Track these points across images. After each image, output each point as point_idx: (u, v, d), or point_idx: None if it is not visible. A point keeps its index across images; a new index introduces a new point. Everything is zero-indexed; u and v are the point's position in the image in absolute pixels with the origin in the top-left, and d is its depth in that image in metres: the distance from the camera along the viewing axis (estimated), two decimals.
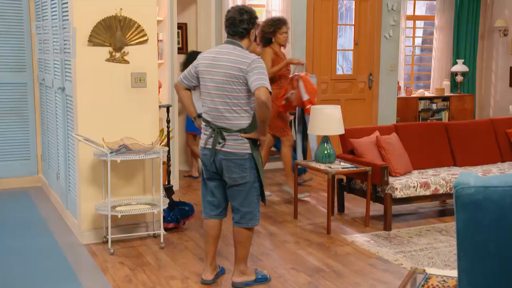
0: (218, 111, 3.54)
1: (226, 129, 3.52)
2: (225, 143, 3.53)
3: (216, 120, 3.56)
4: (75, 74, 4.48)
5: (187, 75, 3.72)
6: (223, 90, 3.51)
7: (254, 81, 3.40)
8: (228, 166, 3.55)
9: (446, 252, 4.32)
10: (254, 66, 3.44)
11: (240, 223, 3.66)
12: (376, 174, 4.86)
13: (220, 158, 3.56)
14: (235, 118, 3.52)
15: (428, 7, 9.39)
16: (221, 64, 3.52)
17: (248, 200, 3.61)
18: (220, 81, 3.51)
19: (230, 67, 3.48)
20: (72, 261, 4.23)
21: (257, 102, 3.39)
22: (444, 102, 8.93)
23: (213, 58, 3.58)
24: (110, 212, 4.32)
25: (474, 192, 1.90)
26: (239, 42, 3.60)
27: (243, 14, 3.58)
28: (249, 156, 3.56)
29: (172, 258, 4.27)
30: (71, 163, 4.87)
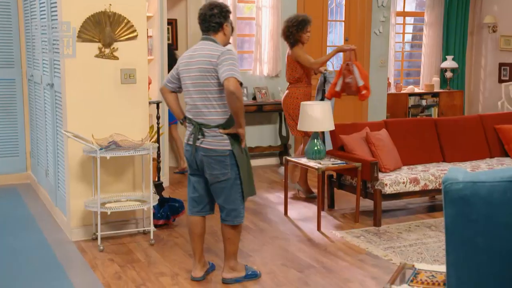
0: (197, 108, 3.56)
1: (205, 125, 3.54)
2: (204, 140, 3.54)
3: (196, 117, 3.57)
4: (64, 70, 4.45)
5: (170, 78, 3.73)
6: (199, 86, 3.53)
7: (223, 72, 3.40)
8: (208, 163, 3.55)
9: (435, 248, 4.35)
10: (224, 58, 3.43)
11: (226, 220, 3.66)
12: (366, 170, 4.88)
13: (201, 155, 3.56)
14: (212, 113, 3.52)
15: (418, 3, 9.42)
16: (196, 60, 3.54)
17: (232, 198, 3.61)
18: (196, 77, 3.53)
19: (203, 61, 3.50)
20: (61, 258, 4.21)
21: (226, 93, 3.38)
22: (434, 98, 8.97)
23: (190, 56, 3.60)
24: (100, 209, 4.30)
25: (462, 188, 1.91)
26: (213, 37, 3.61)
27: (213, 9, 3.59)
28: (230, 153, 3.54)
29: (162, 254, 4.27)
30: (60, 159, 4.84)
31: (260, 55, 7.32)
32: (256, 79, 7.35)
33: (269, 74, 7.39)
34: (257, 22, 7.27)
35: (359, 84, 5.49)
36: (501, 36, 8.87)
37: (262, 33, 7.27)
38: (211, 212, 3.83)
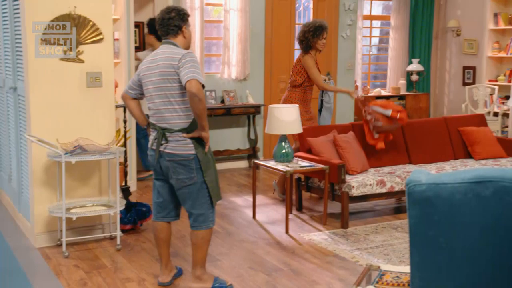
0: (159, 112, 3.51)
1: (168, 129, 3.49)
2: (168, 144, 3.50)
3: (159, 122, 3.53)
4: (28, 74, 4.37)
5: (132, 85, 3.68)
6: (161, 90, 3.48)
7: (184, 75, 3.36)
8: (173, 168, 3.51)
9: (401, 249, 4.39)
10: (185, 61, 3.40)
11: (194, 226, 3.60)
12: (333, 173, 4.91)
13: (166, 160, 3.52)
14: (174, 117, 3.48)
15: (384, 7, 9.54)
16: (156, 65, 3.50)
17: (198, 202, 3.55)
18: (157, 81, 3.49)
19: (164, 65, 3.46)
20: (24, 265, 4.13)
21: (188, 95, 3.35)
22: (400, 100, 9.09)
23: (151, 61, 3.56)
24: (65, 214, 4.23)
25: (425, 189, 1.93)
26: (172, 41, 3.58)
27: (170, 12, 3.57)
28: (194, 157, 3.50)
29: (128, 260, 4.22)
30: (24, 164, 4.75)
31: (228, 58, 7.31)
32: (224, 82, 7.34)
33: (237, 77, 7.39)
34: (225, 25, 7.26)
35: (389, 115, 5.26)
36: (465, 40, 9.04)
37: (230, 36, 7.26)
38: (176, 218, 3.78)
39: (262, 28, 7.54)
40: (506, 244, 1.80)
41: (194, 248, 3.64)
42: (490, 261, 1.84)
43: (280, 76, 7.78)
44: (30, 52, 4.33)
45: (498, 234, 1.81)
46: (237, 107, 7.21)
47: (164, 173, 3.60)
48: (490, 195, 1.79)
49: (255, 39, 7.49)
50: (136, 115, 3.74)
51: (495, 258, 1.83)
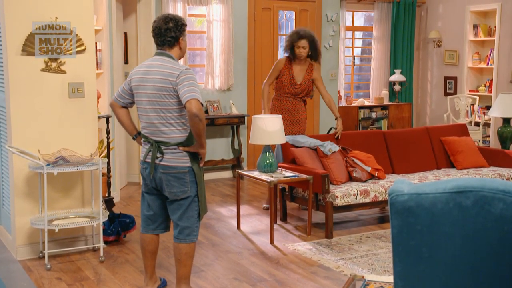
0: (154, 126, 3.45)
1: (164, 142, 3.44)
2: (164, 157, 3.45)
3: (152, 135, 3.47)
4: (8, 84, 4.34)
5: (121, 93, 3.61)
6: (156, 104, 3.42)
7: (184, 94, 3.31)
8: (168, 180, 3.46)
9: (386, 258, 4.41)
10: (183, 78, 3.35)
11: (178, 238, 3.55)
12: (317, 183, 4.92)
13: (159, 172, 3.47)
14: (171, 131, 3.44)
15: (366, 18, 9.63)
16: (152, 78, 3.43)
17: (187, 215, 3.52)
18: (152, 95, 3.42)
19: (160, 79, 3.39)
20: (5, 278, 4.07)
21: (189, 115, 3.31)
22: (383, 111, 9.16)
23: (144, 72, 3.48)
24: (47, 226, 4.18)
25: (407, 199, 1.94)
26: (168, 53, 3.50)
27: (169, 22, 3.47)
28: (189, 170, 3.47)
29: (112, 271, 4.18)
30: (5, 176, 4.70)
31: (212, 68, 7.32)
32: (208, 93, 7.34)
33: (221, 87, 7.39)
34: (208, 36, 7.27)
35: (368, 171, 5.32)
36: (446, 51, 9.15)
37: (214, 47, 7.28)
38: (166, 230, 3.74)
39: (245, 39, 7.57)
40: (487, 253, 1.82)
41: (178, 263, 3.58)
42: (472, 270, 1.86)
43: None
44: (11, 62, 4.30)
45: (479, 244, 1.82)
46: (221, 117, 7.21)
47: (157, 186, 3.54)
48: (471, 204, 1.81)
49: (239, 50, 7.51)
50: (125, 124, 3.67)
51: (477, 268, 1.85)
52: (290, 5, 7.91)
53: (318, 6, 8.07)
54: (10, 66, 4.31)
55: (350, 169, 5.32)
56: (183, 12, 7.00)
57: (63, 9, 4.40)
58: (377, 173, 5.38)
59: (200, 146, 3.45)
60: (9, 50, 4.29)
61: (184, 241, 3.54)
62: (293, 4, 7.91)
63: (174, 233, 3.60)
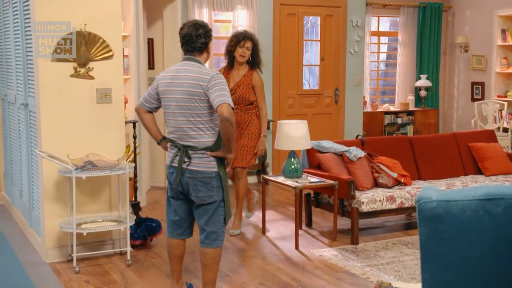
0: (182, 130, 3.47)
1: (192, 147, 3.46)
2: (191, 162, 3.46)
3: (180, 139, 3.49)
4: (39, 90, 4.41)
5: (147, 98, 3.63)
6: (185, 109, 3.44)
7: (215, 98, 3.34)
8: (194, 185, 3.48)
9: (412, 265, 4.37)
10: (214, 83, 3.39)
11: (204, 243, 3.56)
12: (342, 189, 4.91)
13: (186, 177, 3.48)
14: (199, 136, 3.46)
15: (392, 23, 9.58)
16: (181, 82, 3.46)
17: (213, 220, 3.53)
18: (181, 99, 3.45)
19: (191, 84, 3.43)
20: (35, 281, 4.14)
21: (220, 119, 3.34)
22: (409, 116, 9.10)
23: (173, 76, 3.51)
24: (75, 229, 4.25)
25: (435, 206, 1.93)
26: (197, 58, 3.55)
27: (199, 29, 3.53)
28: (216, 174, 3.49)
29: (139, 275, 4.22)
30: (35, 180, 4.78)
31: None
32: None
33: None
34: None
35: (394, 177, 5.28)
36: (473, 56, 9.05)
37: None
38: (190, 235, 3.76)
39: (270, 45, 7.59)
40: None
41: (205, 268, 3.59)
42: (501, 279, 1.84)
43: (289, 91, 7.82)
44: (41, 69, 4.38)
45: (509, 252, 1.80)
46: None
47: (184, 190, 3.56)
48: (501, 212, 1.79)
49: (263, 55, 7.49)
50: (150, 129, 3.69)
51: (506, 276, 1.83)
52: (315, 10, 7.91)
53: (343, 11, 8.05)
54: (40, 72, 4.39)
55: (376, 175, 5.29)
56: (209, 17, 7.06)
57: (92, 16, 4.47)
58: (403, 179, 5.35)
59: (228, 150, 3.47)
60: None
61: (211, 246, 3.55)
62: (318, 9, 7.91)
63: (200, 238, 3.61)
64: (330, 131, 8.06)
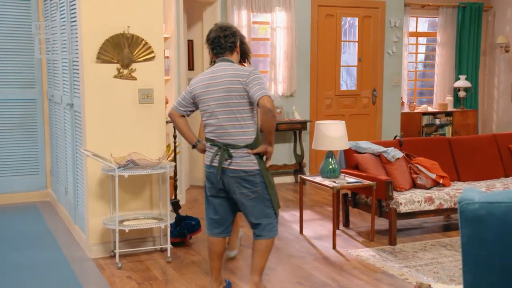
0: (223, 128, 3.52)
1: (232, 145, 3.52)
2: (232, 161, 3.52)
3: (221, 138, 3.53)
4: (84, 91, 4.54)
5: (182, 102, 3.68)
6: (226, 106, 3.50)
7: (256, 92, 3.42)
8: (238, 183, 3.53)
9: (452, 267, 4.35)
10: (253, 77, 3.47)
11: (262, 235, 3.63)
12: (380, 189, 4.91)
13: (229, 176, 3.53)
14: (240, 133, 3.52)
15: (430, 23, 9.48)
16: (220, 81, 3.52)
17: (264, 213, 3.61)
18: (221, 97, 3.51)
19: (230, 81, 3.50)
20: (80, 275, 4.27)
21: (263, 111, 3.40)
22: (447, 117, 8.99)
23: (210, 78, 3.57)
24: (118, 226, 4.36)
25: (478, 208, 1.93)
26: (230, 58, 3.63)
27: (225, 30, 3.62)
28: (258, 172, 3.56)
29: (179, 272, 4.31)
30: (80, 178, 4.93)
31: (275, 75, 7.41)
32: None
33: (283, 93, 7.47)
34: (272, 43, 7.37)
35: (433, 178, 5.27)
36: None
37: (277, 54, 7.37)
38: (229, 234, 3.83)
39: (308, 45, 7.62)
40: None
41: (258, 255, 3.66)
42: None
43: (326, 92, 7.84)
44: (86, 70, 4.51)
45: None
46: (284, 123, 7.28)
47: (225, 189, 3.61)
48: None
49: (301, 56, 7.57)
50: (185, 132, 3.73)
51: None
52: (353, 11, 7.90)
53: (382, 12, 8.02)
54: (85, 73, 4.51)
55: (414, 176, 5.27)
56: (248, 19, 7.13)
57: (135, 19, 4.58)
58: (442, 181, 5.31)
59: (269, 143, 3.54)
60: (84, 58, 4.50)
61: (268, 237, 3.64)
62: (356, 10, 7.90)
63: (255, 232, 3.66)
64: (368, 131, 8.04)
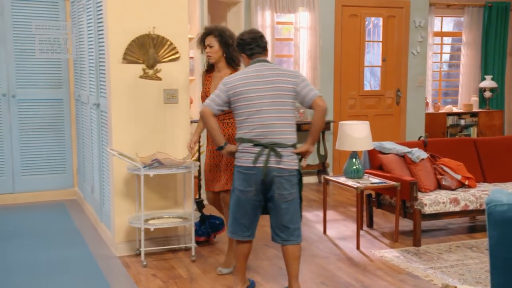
0: (271, 127, 3.51)
1: (280, 144, 3.50)
2: (280, 160, 3.50)
3: (266, 137, 3.51)
4: (110, 91, 4.60)
5: (218, 100, 3.63)
6: (276, 105, 3.52)
7: (309, 92, 3.53)
8: (280, 183, 3.51)
9: (477, 269, 4.31)
10: (302, 79, 3.60)
11: (290, 240, 3.61)
12: (405, 190, 4.88)
13: (273, 175, 3.51)
14: (289, 132, 3.54)
15: (456, 23, 9.39)
16: (269, 80, 3.55)
17: (296, 216, 3.61)
18: (272, 96, 3.52)
19: (281, 80, 3.54)
20: (106, 273, 4.32)
21: (319, 109, 3.52)
22: (473, 118, 8.90)
23: (256, 76, 3.57)
24: (143, 225, 4.41)
25: (506, 210, 1.92)
26: (266, 59, 3.71)
27: (257, 33, 3.76)
28: (296, 172, 3.57)
29: (203, 271, 4.34)
30: (106, 177, 4.99)
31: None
32: None
33: None
34: (295, 43, 7.37)
35: (458, 179, 5.23)
36: None
37: (300, 54, 7.36)
38: (254, 237, 3.81)
39: (332, 46, 7.60)
40: None
41: (294, 262, 3.65)
42: None
43: (350, 92, 7.81)
44: (112, 70, 4.57)
45: None
46: (307, 123, 7.26)
47: (263, 191, 3.57)
48: None
49: (325, 57, 7.56)
50: (217, 132, 3.67)
51: None
52: (378, 11, 7.86)
53: (406, 12, 7.97)
54: (111, 74, 4.57)
55: (439, 177, 5.23)
56: (271, 20, 7.14)
57: (160, 19, 4.62)
58: (467, 182, 5.26)
59: (313, 142, 3.63)
60: (111, 58, 4.56)
61: (296, 242, 3.64)
62: (381, 10, 7.86)
63: (282, 237, 3.62)
64: (391, 132, 8.00)
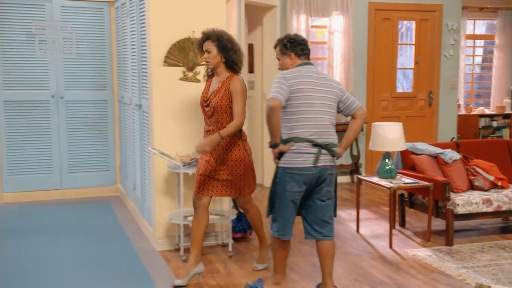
0: (325, 127, 3.66)
1: (333, 144, 3.69)
2: (334, 158, 3.72)
3: (321, 136, 3.63)
4: (152, 92, 4.78)
5: (283, 93, 3.55)
6: (330, 108, 3.69)
7: (353, 102, 3.76)
8: (330, 180, 3.71)
9: (511, 270, 4.35)
10: (344, 89, 3.81)
11: (329, 236, 3.75)
12: (437, 190, 4.96)
13: (328, 173, 3.69)
14: (334, 133, 3.73)
15: (488, 26, 9.39)
16: (327, 83, 3.72)
17: (332, 213, 3.80)
18: (328, 99, 3.68)
19: (333, 85, 3.73)
20: (147, 266, 4.50)
21: (363, 118, 3.77)
22: (505, 119, 8.89)
23: (317, 77, 3.70)
24: (183, 221, 4.58)
25: None
26: None
27: (300, 36, 3.90)
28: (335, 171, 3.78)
29: (240, 266, 4.48)
30: (147, 174, 5.19)
31: (332, 77, 7.52)
32: None
33: None
34: (329, 46, 7.49)
35: (491, 180, 5.28)
36: None
37: (334, 57, 7.49)
38: None
39: (365, 49, 7.70)
40: None
41: (330, 259, 3.77)
42: None
43: (382, 94, 7.90)
44: (154, 72, 4.75)
45: None
46: (340, 124, 7.34)
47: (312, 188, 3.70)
48: None
49: (358, 59, 7.67)
50: (277, 128, 3.57)
51: None
52: (410, 15, 7.93)
53: (439, 15, 8.02)
54: (153, 76, 4.76)
55: (472, 178, 5.29)
56: (306, 23, 7.27)
57: (200, 24, 4.75)
58: (500, 183, 5.32)
59: (347, 147, 3.84)
60: (153, 61, 4.74)
61: (332, 238, 3.79)
62: (413, 14, 7.93)
63: (323, 232, 3.75)
64: (424, 133, 8.05)
